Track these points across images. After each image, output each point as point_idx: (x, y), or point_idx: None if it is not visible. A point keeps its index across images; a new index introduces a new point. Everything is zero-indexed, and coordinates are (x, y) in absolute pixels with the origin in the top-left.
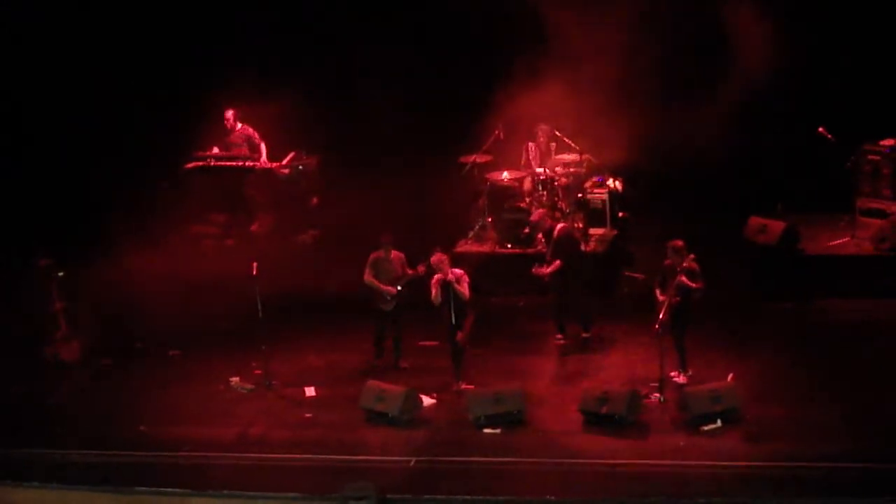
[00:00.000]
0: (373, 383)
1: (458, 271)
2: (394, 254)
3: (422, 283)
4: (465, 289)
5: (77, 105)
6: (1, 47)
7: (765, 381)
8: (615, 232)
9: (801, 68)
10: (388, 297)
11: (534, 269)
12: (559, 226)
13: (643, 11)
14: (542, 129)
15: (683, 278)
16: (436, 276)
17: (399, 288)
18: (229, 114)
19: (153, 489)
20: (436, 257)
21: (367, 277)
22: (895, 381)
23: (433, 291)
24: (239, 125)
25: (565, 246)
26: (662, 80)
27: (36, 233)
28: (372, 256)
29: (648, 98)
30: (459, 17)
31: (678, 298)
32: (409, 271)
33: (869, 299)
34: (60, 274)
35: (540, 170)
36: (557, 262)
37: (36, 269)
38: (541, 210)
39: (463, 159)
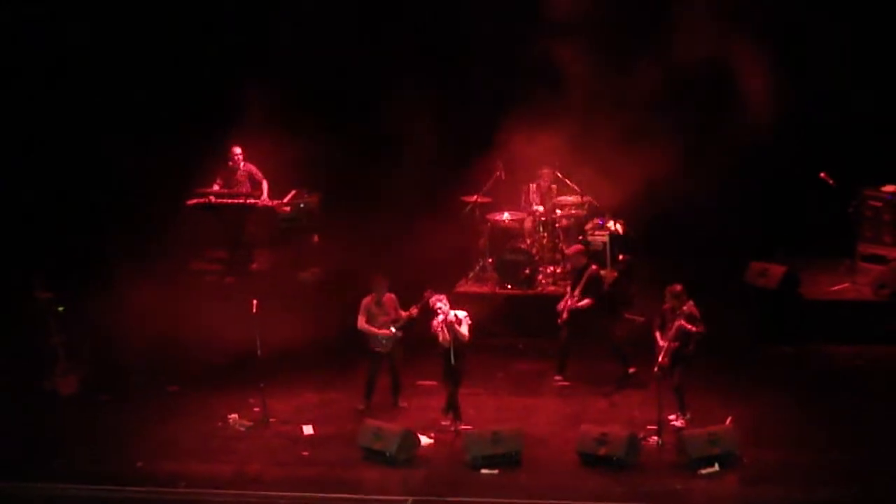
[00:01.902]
0: (370, 422)
1: (460, 312)
2: (386, 297)
3: (419, 322)
4: (465, 330)
5: (79, 137)
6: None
7: (763, 425)
8: (615, 274)
9: (803, 113)
10: (384, 341)
11: (561, 304)
12: (593, 266)
13: (645, 56)
14: (545, 173)
15: (683, 322)
16: (440, 317)
17: (394, 330)
18: (237, 150)
19: None
20: (435, 297)
21: (361, 324)
22: (892, 426)
23: (440, 335)
24: (242, 164)
25: (597, 286)
26: (664, 123)
27: (35, 266)
28: (364, 302)
29: (651, 141)
30: (462, 59)
31: (677, 343)
32: (403, 313)
33: (868, 345)
34: (60, 308)
35: (539, 208)
36: (589, 300)
37: (35, 302)
38: (578, 246)
39: (464, 198)
